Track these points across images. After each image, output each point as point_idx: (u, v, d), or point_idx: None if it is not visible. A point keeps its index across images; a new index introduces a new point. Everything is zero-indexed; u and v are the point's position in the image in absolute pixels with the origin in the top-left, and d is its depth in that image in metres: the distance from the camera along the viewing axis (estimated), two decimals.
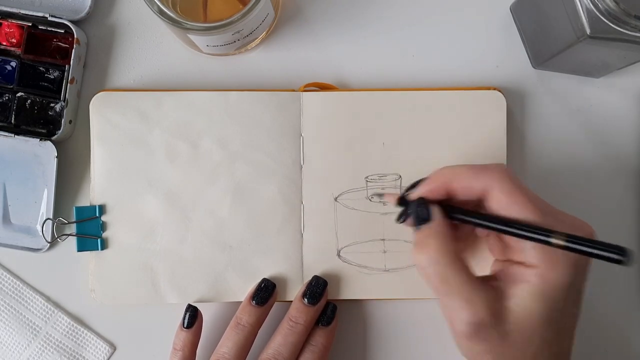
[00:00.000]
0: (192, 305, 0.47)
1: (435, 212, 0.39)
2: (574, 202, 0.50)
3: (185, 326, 0.46)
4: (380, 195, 0.46)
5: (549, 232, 0.36)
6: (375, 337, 0.50)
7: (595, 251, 0.35)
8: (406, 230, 0.48)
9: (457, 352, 0.40)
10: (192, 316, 0.46)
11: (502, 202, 0.37)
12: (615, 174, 0.50)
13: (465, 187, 0.38)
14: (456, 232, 0.41)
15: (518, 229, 0.36)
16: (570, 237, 0.35)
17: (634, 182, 0.50)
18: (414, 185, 0.41)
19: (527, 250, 0.37)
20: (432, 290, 0.38)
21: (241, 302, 0.47)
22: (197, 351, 0.47)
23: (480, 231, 0.42)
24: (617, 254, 0.35)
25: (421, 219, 0.39)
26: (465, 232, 0.42)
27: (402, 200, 0.41)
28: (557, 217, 0.38)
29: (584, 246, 0.35)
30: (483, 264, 0.42)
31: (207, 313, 0.49)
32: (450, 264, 0.37)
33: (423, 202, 0.39)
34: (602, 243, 0.35)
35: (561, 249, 0.36)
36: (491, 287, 0.37)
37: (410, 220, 0.40)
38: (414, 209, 0.39)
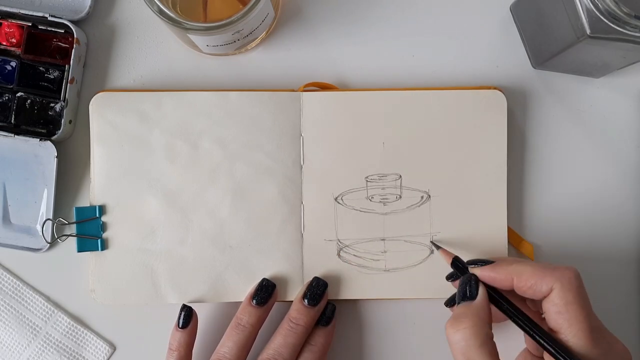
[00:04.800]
0: (186, 305, 0.47)
1: (481, 293, 0.40)
2: (574, 202, 0.50)
3: (180, 326, 0.46)
4: (436, 246, 0.47)
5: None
6: (375, 337, 0.50)
7: None
8: (406, 230, 0.48)
9: None
10: (187, 316, 0.46)
11: (557, 307, 0.37)
12: (615, 173, 0.50)
13: (529, 287, 0.39)
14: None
15: (550, 346, 0.37)
16: None
17: (634, 181, 0.50)
18: (479, 262, 0.42)
19: None
20: None
21: (241, 302, 0.47)
22: (197, 351, 0.47)
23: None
24: None
25: (466, 295, 0.40)
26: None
27: (455, 263, 0.44)
28: (604, 341, 0.38)
29: None
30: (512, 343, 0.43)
31: (207, 313, 0.49)
32: (478, 346, 0.37)
33: (474, 279, 0.41)
34: None
35: None
36: None
37: (456, 287, 0.42)
38: (464, 283, 0.41)
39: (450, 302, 0.45)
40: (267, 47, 0.50)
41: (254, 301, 0.46)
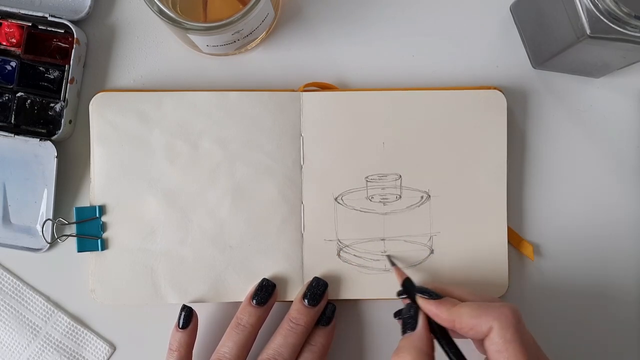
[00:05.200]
0: (187, 306, 0.47)
1: (421, 325, 0.40)
2: (574, 201, 0.50)
3: (180, 326, 0.46)
4: (391, 262, 0.47)
5: None
6: (375, 337, 0.50)
7: None
8: (406, 230, 0.48)
9: None
10: (187, 316, 0.46)
11: (496, 346, 0.37)
12: (615, 173, 0.50)
13: (470, 328, 0.39)
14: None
15: None
16: None
17: (634, 181, 0.50)
18: (427, 292, 0.41)
19: None
20: None
21: (241, 302, 0.47)
22: (197, 351, 0.47)
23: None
24: None
25: (407, 325, 0.41)
26: None
27: (406, 284, 0.44)
28: None
29: None
30: None
31: (207, 313, 0.49)
32: None
33: (415, 309, 0.41)
34: None
35: None
36: None
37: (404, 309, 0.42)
38: (405, 313, 0.41)
39: (397, 315, 0.45)
40: (267, 47, 0.50)
41: (254, 301, 0.46)
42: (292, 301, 0.47)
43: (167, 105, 0.48)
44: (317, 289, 0.46)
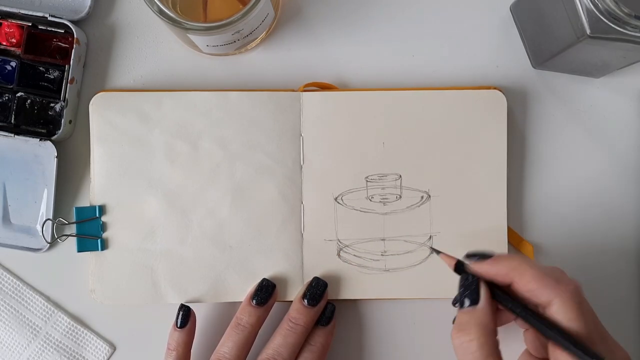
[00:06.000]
0: (185, 305, 0.47)
1: (484, 297, 0.38)
2: (574, 201, 0.50)
3: (178, 326, 0.46)
4: (436, 252, 0.43)
5: (595, 357, 0.35)
6: (375, 337, 0.50)
7: None
8: (406, 230, 0.48)
9: None
10: (185, 315, 0.46)
11: (559, 315, 0.36)
12: (615, 173, 0.50)
13: (527, 290, 0.37)
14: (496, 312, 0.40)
15: (565, 339, 0.35)
16: None
17: (634, 181, 0.50)
18: (479, 255, 0.39)
19: None
20: None
21: (241, 302, 0.47)
22: (197, 351, 0.47)
23: (520, 323, 0.41)
24: None
25: (468, 297, 0.38)
26: (505, 313, 0.41)
27: (459, 267, 0.40)
28: (607, 349, 0.37)
29: None
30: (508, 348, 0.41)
31: (207, 313, 0.49)
32: (485, 357, 0.36)
33: (475, 283, 0.38)
34: None
35: None
36: None
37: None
38: (464, 285, 0.39)
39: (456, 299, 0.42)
40: (267, 47, 0.50)
41: (254, 301, 0.46)
42: (292, 301, 0.47)
43: (167, 105, 0.48)
44: (317, 289, 0.46)
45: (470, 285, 0.38)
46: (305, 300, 0.46)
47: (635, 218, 0.50)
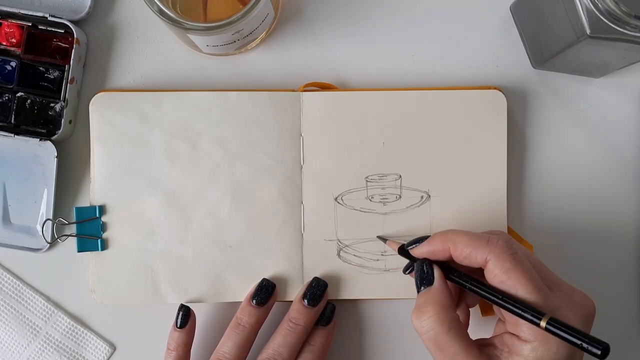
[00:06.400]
0: (184, 305, 0.47)
1: (437, 276, 0.40)
2: (574, 201, 0.50)
3: (178, 326, 0.46)
4: (383, 240, 0.47)
5: (539, 314, 0.36)
6: (375, 337, 0.50)
7: (576, 340, 0.35)
8: (406, 230, 0.48)
9: None
10: (185, 316, 0.46)
11: (498, 278, 0.38)
12: (615, 173, 0.50)
13: (464, 257, 0.39)
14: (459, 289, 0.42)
15: (511, 304, 0.37)
16: (553, 322, 0.35)
17: (634, 181, 0.50)
18: (418, 241, 0.42)
19: (521, 325, 0.37)
20: (431, 354, 0.39)
21: (241, 302, 0.47)
22: (197, 351, 0.47)
23: (472, 297, 0.44)
24: (597, 348, 0.34)
25: (423, 281, 0.40)
26: (470, 296, 0.44)
27: (403, 250, 0.44)
28: (561, 293, 0.38)
29: (566, 333, 0.35)
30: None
31: (207, 313, 0.49)
32: (446, 332, 0.38)
33: (427, 264, 0.41)
34: (585, 335, 0.35)
35: (545, 331, 0.36)
36: (487, 356, 0.38)
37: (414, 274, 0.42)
38: (418, 270, 0.41)
39: (406, 270, 0.44)
40: (267, 47, 0.50)
41: (254, 301, 0.46)
42: (292, 301, 0.47)
43: (167, 105, 0.48)
44: (317, 289, 0.46)
45: (423, 270, 0.41)
46: (305, 301, 0.46)
47: (636, 218, 0.50)
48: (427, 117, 0.48)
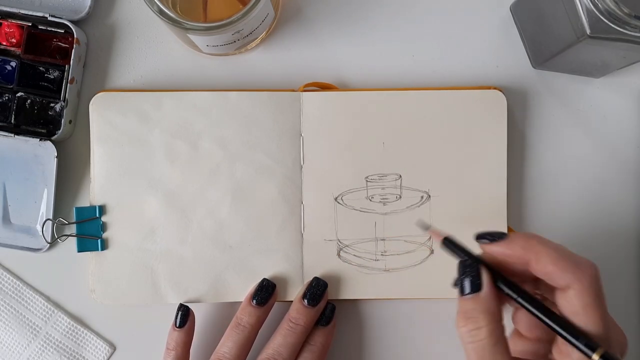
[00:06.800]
0: (183, 305, 0.47)
1: (486, 283, 0.36)
2: (574, 201, 0.50)
3: (177, 326, 0.46)
4: (424, 227, 0.41)
5: (593, 345, 0.34)
6: (375, 337, 0.50)
7: None
8: (406, 230, 0.48)
9: (455, 352, 0.40)
10: (184, 315, 0.46)
11: (573, 308, 0.35)
12: (615, 173, 0.50)
13: (545, 273, 0.35)
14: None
15: (571, 335, 0.34)
16: (606, 356, 0.33)
17: (634, 181, 0.50)
18: (491, 236, 0.37)
19: (571, 354, 0.35)
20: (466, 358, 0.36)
21: (241, 302, 0.47)
22: (197, 351, 0.47)
23: (514, 303, 0.39)
24: None
25: (472, 285, 0.36)
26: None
27: (448, 242, 0.38)
28: (613, 331, 0.36)
29: None
30: None
31: (207, 313, 0.49)
32: (493, 345, 0.35)
33: (476, 268, 0.36)
34: None
35: None
36: None
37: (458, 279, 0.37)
38: (463, 272, 0.36)
39: (456, 282, 0.39)
40: (267, 47, 0.50)
41: (254, 301, 0.46)
42: (292, 301, 0.47)
43: (167, 105, 0.48)
44: (317, 289, 0.46)
45: (471, 270, 0.36)
46: (305, 301, 0.46)
47: (636, 217, 0.50)
48: (427, 117, 0.48)
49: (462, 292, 0.36)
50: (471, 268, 0.36)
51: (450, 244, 0.38)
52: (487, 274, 0.36)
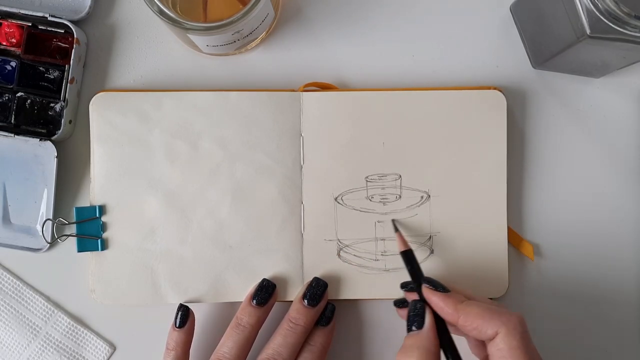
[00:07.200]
0: (183, 305, 0.47)
1: (428, 322, 0.40)
2: (574, 201, 0.50)
3: (177, 326, 0.46)
4: (395, 227, 0.47)
5: None
6: (375, 337, 0.50)
7: None
8: (406, 230, 0.48)
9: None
10: (184, 315, 0.46)
11: (501, 352, 0.37)
12: (615, 173, 0.50)
13: (474, 328, 0.39)
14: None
15: None
16: None
17: (634, 181, 0.50)
18: (432, 283, 0.41)
19: None
20: None
21: (241, 302, 0.47)
22: (197, 351, 0.47)
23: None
24: None
25: (414, 322, 0.40)
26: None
27: (405, 256, 0.44)
28: None
29: None
30: None
31: (207, 313, 0.49)
32: None
33: (422, 309, 0.41)
34: None
35: None
36: None
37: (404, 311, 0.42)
38: (411, 308, 0.41)
39: (399, 304, 0.45)
40: (267, 47, 0.50)
41: (254, 301, 0.46)
42: (292, 301, 0.47)
43: (167, 105, 0.48)
44: (317, 289, 0.46)
45: (418, 312, 0.41)
46: (305, 301, 0.46)
47: (636, 217, 0.50)
48: (427, 117, 0.48)
49: (408, 330, 0.40)
50: (420, 309, 0.41)
51: (408, 258, 0.44)
52: (431, 316, 0.40)
